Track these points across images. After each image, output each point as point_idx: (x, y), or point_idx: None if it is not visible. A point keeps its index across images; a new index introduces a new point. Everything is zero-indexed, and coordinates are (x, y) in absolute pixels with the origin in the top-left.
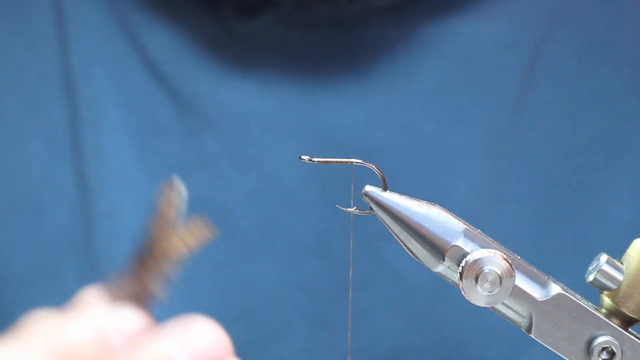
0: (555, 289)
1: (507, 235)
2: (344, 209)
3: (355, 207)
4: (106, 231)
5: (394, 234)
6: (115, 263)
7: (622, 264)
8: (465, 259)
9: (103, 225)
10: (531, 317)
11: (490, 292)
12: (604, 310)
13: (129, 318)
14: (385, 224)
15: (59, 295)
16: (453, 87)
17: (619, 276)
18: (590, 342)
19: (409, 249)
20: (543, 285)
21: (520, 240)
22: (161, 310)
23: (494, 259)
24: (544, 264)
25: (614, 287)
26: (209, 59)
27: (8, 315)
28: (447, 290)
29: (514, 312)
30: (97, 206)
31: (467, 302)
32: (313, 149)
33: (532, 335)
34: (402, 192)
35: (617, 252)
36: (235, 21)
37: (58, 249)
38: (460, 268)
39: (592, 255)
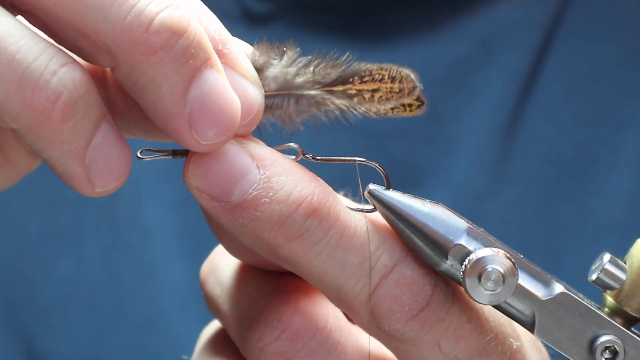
0: (558, 288)
1: (514, 213)
2: (351, 208)
3: (357, 206)
4: (130, 197)
5: (398, 232)
6: (137, 229)
7: (625, 263)
8: (468, 257)
9: (127, 191)
10: (534, 316)
11: (494, 290)
12: (606, 309)
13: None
14: (389, 222)
15: (74, 258)
16: (468, 69)
17: (622, 275)
18: (593, 341)
19: (412, 247)
20: (546, 284)
21: (526, 217)
22: None
23: (497, 258)
24: (550, 240)
25: (616, 286)
26: None
27: (22, 274)
28: None
29: (517, 310)
30: None
31: None
32: (331, 131)
33: (535, 334)
34: (414, 175)
35: (622, 225)
36: (253, 1)
37: (79, 212)
38: (463, 267)
39: (597, 230)
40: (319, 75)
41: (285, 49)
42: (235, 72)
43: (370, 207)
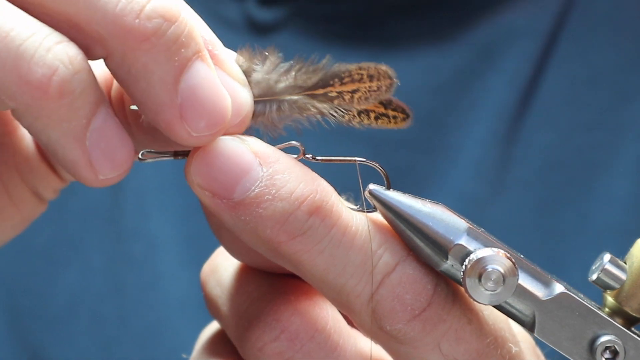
0: (558, 288)
1: (514, 219)
2: (351, 208)
3: (358, 206)
4: (134, 207)
5: (398, 232)
6: (141, 239)
7: (625, 263)
8: (468, 257)
9: (131, 201)
10: (534, 316)
11: (494, 291)
12: (607, 309)
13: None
14: (389, 222)
15: (80, 268)
16: (469, 77)
17: (622, 275)
18: (593, 341)
19: (412, 247)
20: (546, 284)
21: (526, 223)
22: None
23: (497, 258)
24: (550, 245)
25: (617, 286)
26: (230, 46)
27: (28, 284)
28: None
29: (517, 310)
30: (127, 182)
31: None
32: (333, 139)
33: (535, 334)
34: (415, 182)
35: (621, 230)
36: (257, 9)
37: (84, 222)
38: (463, 267)
39: (598, 235)
40: (300, 80)
41: (267, 54)
42: (225, 73)
43: (370, 207)
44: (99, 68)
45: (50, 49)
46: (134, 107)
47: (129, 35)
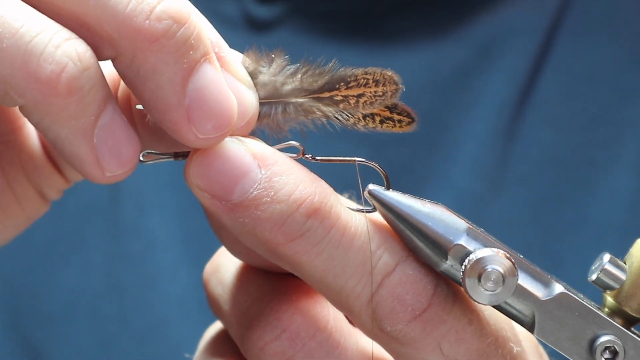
0: (558, 288)
1: (514, 216)
2: (350, 208)
3: (357, 206)
4: (133, 206)
5: (397, 232)
6: (140, 237)
7: (625, 263)
8: (468, 257)
9: (130, 199)
10: (534, 316)
11: (493, 291)
12: (606, 309)
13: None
14: (389, 222)
15: (79, 266)
16: (468, 74)
17: (622, 275)
18: (593, 342)
19: (412, 247)
20: (546, 284)
21: (526, 220)
22: None
23: (497, 258)
24: (550, 243)
25: (616, 286)
26: (228, 43)
27: (27, 283)
28: None
29: (517, 311)
30: (125, 181)
31: None
32: (332, 137)
33: (535, 335)
34: (415, 180)
35: (621, 227)
36: (255, 6)
37: (83, 220)
38: (463, 267)
39: (597, 232)
40: (306, 83)
41: (274, 56)
42: (231, 75)
43: (370, 207)
44: (105, 69)
45: (59, 45)
46: (139, 106)
47: (138, 36)
